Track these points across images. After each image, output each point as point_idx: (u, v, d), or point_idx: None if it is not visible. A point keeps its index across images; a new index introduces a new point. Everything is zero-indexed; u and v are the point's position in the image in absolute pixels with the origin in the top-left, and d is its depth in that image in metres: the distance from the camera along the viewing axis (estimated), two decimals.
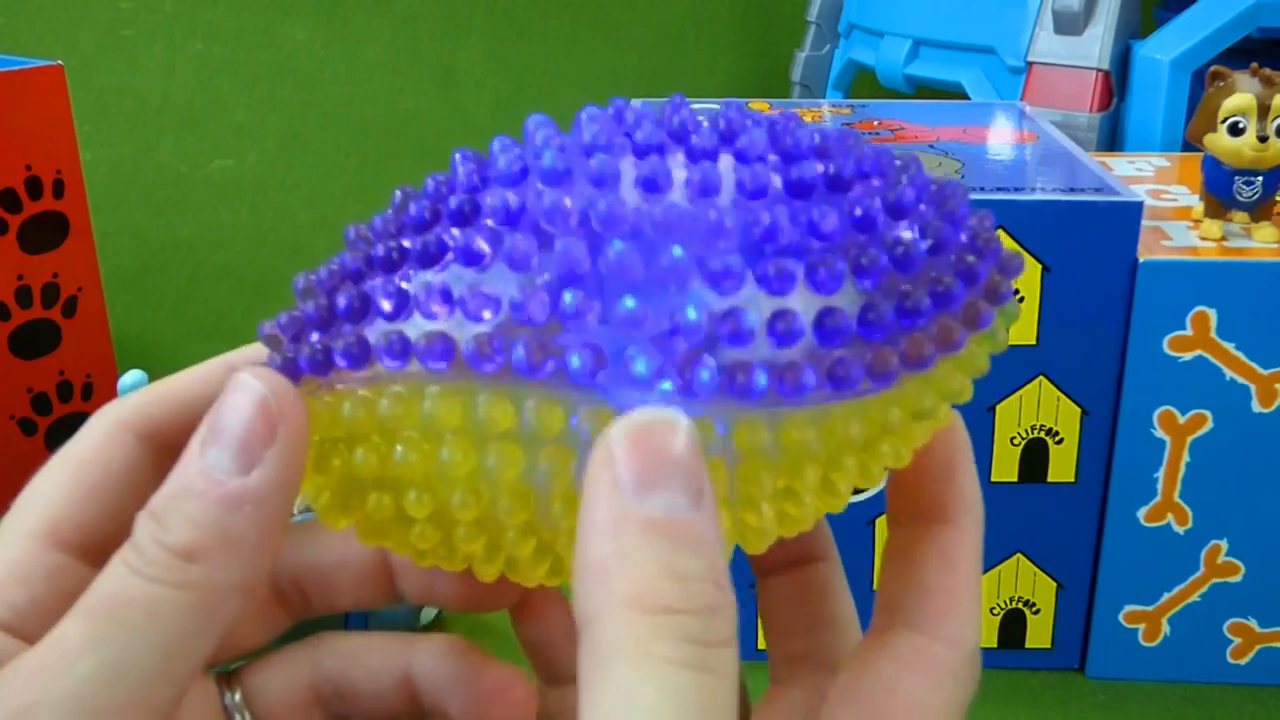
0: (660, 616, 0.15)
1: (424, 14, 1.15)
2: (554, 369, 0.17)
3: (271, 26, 1.11)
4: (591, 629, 0.16)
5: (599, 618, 0.16)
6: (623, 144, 0.19)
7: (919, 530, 0.21)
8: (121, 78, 1.06)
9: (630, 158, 0.19)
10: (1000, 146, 0.53)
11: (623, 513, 0.16)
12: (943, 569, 0.20)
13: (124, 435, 0.20)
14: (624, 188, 0.18)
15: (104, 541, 0.19)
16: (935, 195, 0.20)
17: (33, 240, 0.63)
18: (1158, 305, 0.45)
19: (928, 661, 0.19)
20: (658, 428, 0.17)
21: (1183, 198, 0.53)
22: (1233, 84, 0.46)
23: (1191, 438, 0.46)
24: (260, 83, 1.09)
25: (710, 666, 0.15)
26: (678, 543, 0.16)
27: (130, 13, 1.08)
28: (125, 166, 1.03)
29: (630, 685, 0.15)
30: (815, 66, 0.99)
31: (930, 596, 0.20)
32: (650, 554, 0.16)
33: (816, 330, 0.17)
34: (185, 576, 0.17)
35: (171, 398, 0.21)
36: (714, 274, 0.17)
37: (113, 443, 0.20)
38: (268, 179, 1.05)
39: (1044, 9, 0.77)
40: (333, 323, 0.18)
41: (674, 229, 0.18)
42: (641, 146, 0.19)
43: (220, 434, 0.17)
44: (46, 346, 0.65)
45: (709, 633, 0.16)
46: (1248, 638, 0.50)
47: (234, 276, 0.94)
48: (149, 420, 0.20)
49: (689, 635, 0.15)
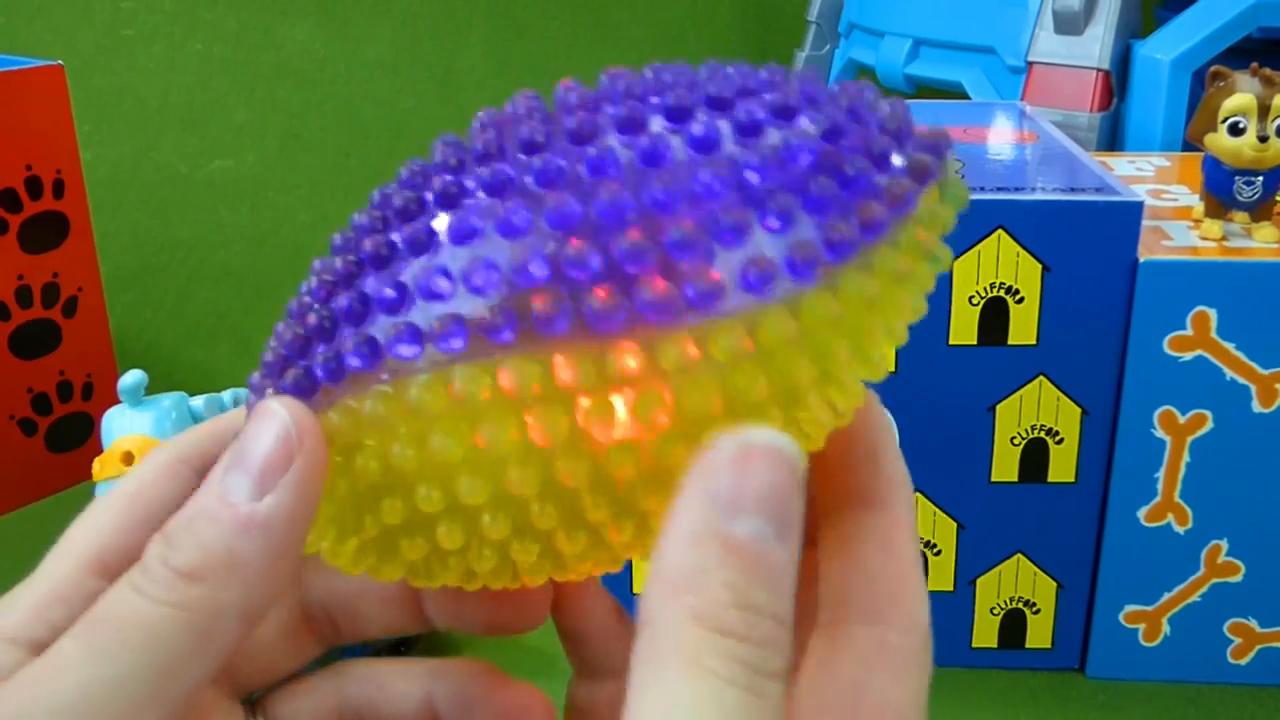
0: (718, 636, 0.16)
1: (424, 14, 1.15)
2: (574, 317, 0.17)
3: (271, 26, 1.11)
4: (652, 631, 0.16)
5: (662, 622, 0.16)
6: (590, 113, 0.19)
7: (852, 519, 0.21)
8: (121, 78, 1.06)
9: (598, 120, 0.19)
10: (1000, 146, 0.53)
11: (709, 527, 0.16)
12: (885, 555, 0.20)
13: (179, 468, 0.21)
14: (601, 146, 0.18)
15: None
16: (834, 96, 0.20)
17: (33, 240, 0.63)
18: (1158, 305, 0.45)
19: (888, 654, 0.19)
20: (768, 452, 0.17)
21: (1183, 198, 0.53)
22: (1233, 84, 0.46)
23: (1192, 438, 0.46)
24: (260, 83, 1.09)
25: (760, 691, 0.16)
26: (754, 572, 0.16)
27: (130, 13, 1.08)
28: (125, 166, 1.03)
29: (680, 691, 0.15)
30: (815, 66, 0.99)
31: (877, 585, 0.20)
32: (725, 575, 0.16)
33: (767, 228, 0.18)
34: (186, 597, 0.17)
35: (226, 433, 0.21)
36: (693, 194, 0.18)
37: (166, 476, 0.21)
38: (268, 179, 1.05)
39: (1044, 9, 0.77)
40: (335, 331, 0.18)
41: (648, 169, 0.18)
42: (617, 115, 0.19)
43: (241, 460, 0.17)
44: (47, 346, 0.65)
45: (763, 662, 0.16)
46: (1248, 638, 0.50)
47: (234, 276, 0.94)
48: (205, 454, 0.21)
49: (744, 659, 0.16)
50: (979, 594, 0.50)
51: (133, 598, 0.17)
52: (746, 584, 0.16)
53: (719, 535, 0.16)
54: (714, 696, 0.15)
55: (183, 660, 0.17)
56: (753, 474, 0.16)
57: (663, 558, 0.16)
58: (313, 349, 0.18)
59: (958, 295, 0.45)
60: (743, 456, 0.17)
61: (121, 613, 0.17)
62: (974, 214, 0.44)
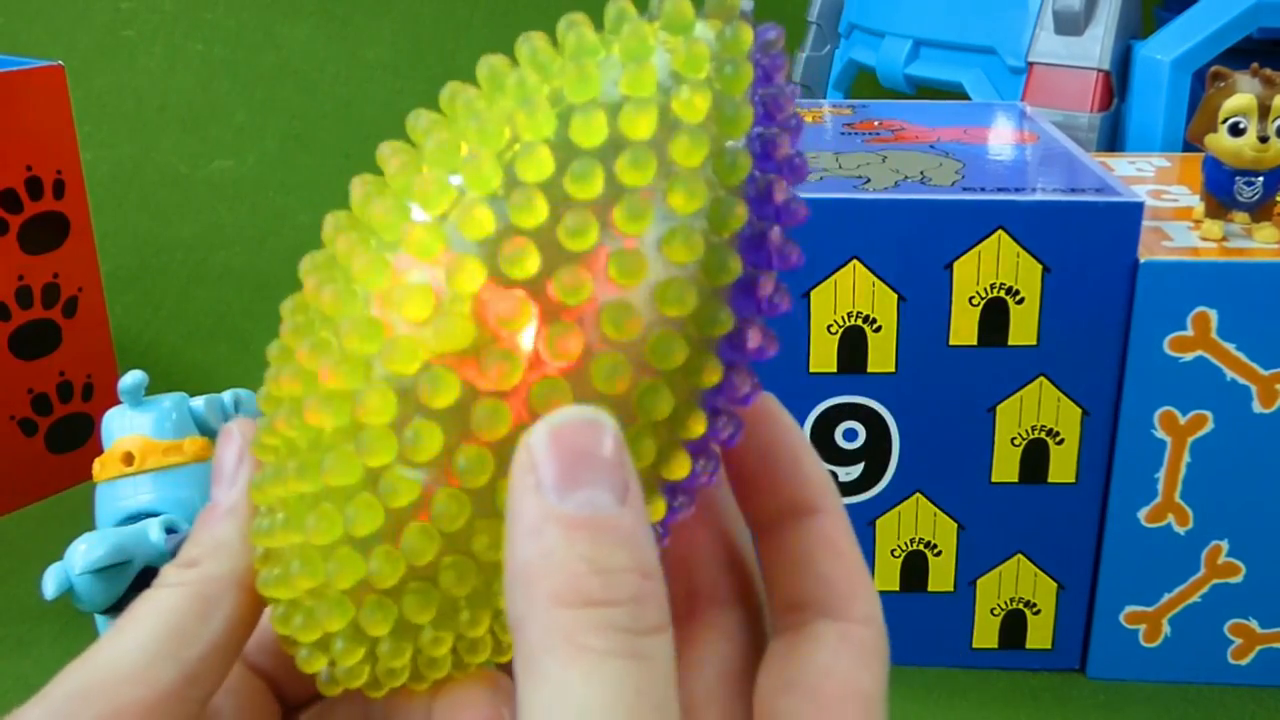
0: (585, 610, 0.16)
1: (424, 14, 1.15)
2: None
3: (271, 27, 1.11)
4: (521, 632, 0.16)
5: (527, 619, 0.16)
6: None
7: (791, 527, 0.21)
8: (121, 78, 1.06)
9: None
10: (1001, 147, 0.53)
11: (545, 513, 0.16)
12: (833, 557, 0.20)
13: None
14: None
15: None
16: None
17: (33, 240, 0.63)
18: (1158, 305, 0.45)
19: (853, 644, 0.20)
20: (580, 426, 0.17)
21: (1183, 198, 0.53)
22: (1233, 84, 0.46)
23: (1192, 438, 0.46)
24: (260, 83, 1.09)
25: (642, 653, 0.16)
26: (600, 538, 0.16)
27: (130, 13, 1.08)
28: (125, 167, 1.03)
29: (561, 679, 0.15)
30: (816, 67, 0.99)
31: (832, 585, 0.20)
32: (573, 551, 0.16)
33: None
34: (185, 577, 0.20)
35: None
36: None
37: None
38: (268, 179, 1.05)
39: (1044, 9, 0.77)
40: None
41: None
42: None
43: (216, 475, 0.21)
44: (47, 347, 0.65)
45: (638, 621, 0.16)
46: (1248, 638, 0.50)
47: (234, 276, 0.94)
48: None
49: (616, 624, 0.16)
50: (979, 594, 0.50)
51: (146, 593, 0.20)
52: (595, 551, 0.16)
53: (555, 517, 0.16)
54: (593, 673, 0.15)
55: (191, 624, 0.19)
56: (571, 451, 0.16)
57: (512, 558, 0.16)
58: None
59: (958, 296, 0.45)
60: (556, 438, 0.16)
61: (137, 603, 0.20)
62: (974, 214, 0.44)
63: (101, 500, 0.52)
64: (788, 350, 0.46)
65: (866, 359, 0.46)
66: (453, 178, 0.18)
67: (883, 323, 0.46)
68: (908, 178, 0.47)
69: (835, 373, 0.46)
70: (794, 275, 0.45)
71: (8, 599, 0.56)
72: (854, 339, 0.46)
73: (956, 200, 0.44)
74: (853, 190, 0.45)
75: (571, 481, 0.16)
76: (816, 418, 0.47)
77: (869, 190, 0.45)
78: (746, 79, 0.18)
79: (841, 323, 0.46)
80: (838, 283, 0.45)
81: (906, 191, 0.45)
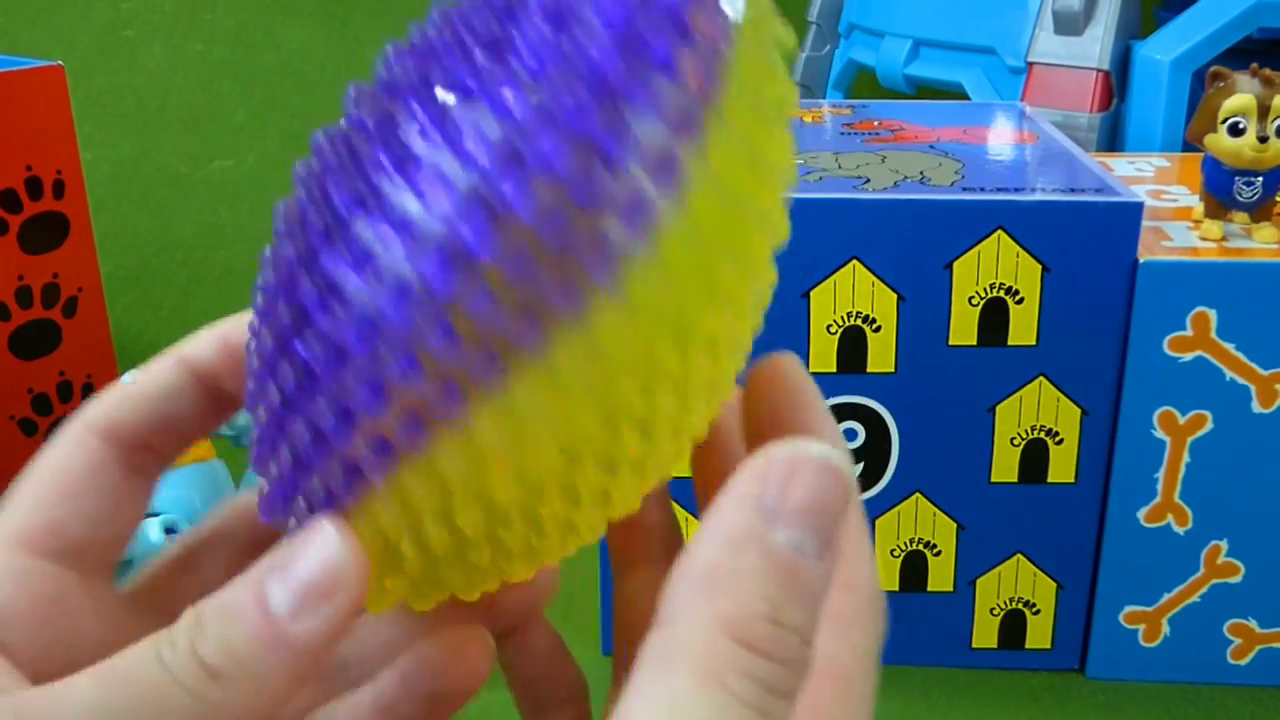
0: (743, 651, 0.15)
1: (424, 14, 1.15)
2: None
3: (271, 27, 1.11)
4: (673, 628, 0.16)
5: (686, 621, 0.16)
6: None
7: None
8: (121, 78, 1.06)
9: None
10: (1000, 147, 0.53)
11: (751, 532, 0.16)
12: None
13: (90, 439, 0.22)
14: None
15: (77, 544, 0.21)
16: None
17: (33, 241, 0.63)
18: (1158, 305, 0.45)
19: (829, 614, 0.18)
20: (820, 465, 0.16)
21: (1183, 198, 0.53)
22: (1233, 84, 0.46)
23: (1191, 438, 0.46)
24: (260, 83, 1.09)
25: (768, 712, 0.15)
26: (791, 586, 0.16)
27: (130, 13, 1.08)
28: (125, 167, 1.03)
29: (686, 697, 0.15)
30: (815, 67, 0.99)
31: None
32: (763, 586, 0.16)
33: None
34: (203, 690, 0.17)
35: (131, 397, 0.22)
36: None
37: (79, 447, 0.22)
38: (268, 179, 1.05)
39: (1044, 9, 0.77)
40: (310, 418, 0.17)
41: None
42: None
43: (287, 571, 0.17)
44: (47, 347, 0.65)
45: (780, 682, 0.16)
46: (1248, 638, 0.50)
47: (234, 276, 0.94)
48: (112, 421, 0.22)
49: (764, 679, 0.15)
50: (979, 594, 0.50)
51: (155, 668, 0.17)
52: (783, 598, 0.16)
53: (760, 541, 0.16)
54: (717, 711, 0.15)
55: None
56: (801, 485, 0.16)
57: (697, 556, 0.16)
58: (300, 476, 0.18)
59: (958, 296, 0.45)
60: (792, 466, 0.16)
61: (142, 676, 0.17)
62: (974, 214, 0.44)
63: None
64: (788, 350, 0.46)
65: (866, 359, 0.46)
66: None
67: (882, 323, 0.46)
68: (907, 178, 0.47)
69: (835, 372, 0.46)
70: (794, 275, 0.45)
71: None
72: (853, 339, 0.46)
73: (956, 200, 0.44)
74: (852, 190, 0.45)
75: (788, 514, 0.16)
76: None
77: (869, 190, 0.45)
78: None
79: (841, 323, 0.46)
80: (837, 283, 0.45)
81: (906, 191, 0.45)
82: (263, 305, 0.19)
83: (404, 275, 0.16)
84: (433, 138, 0.17)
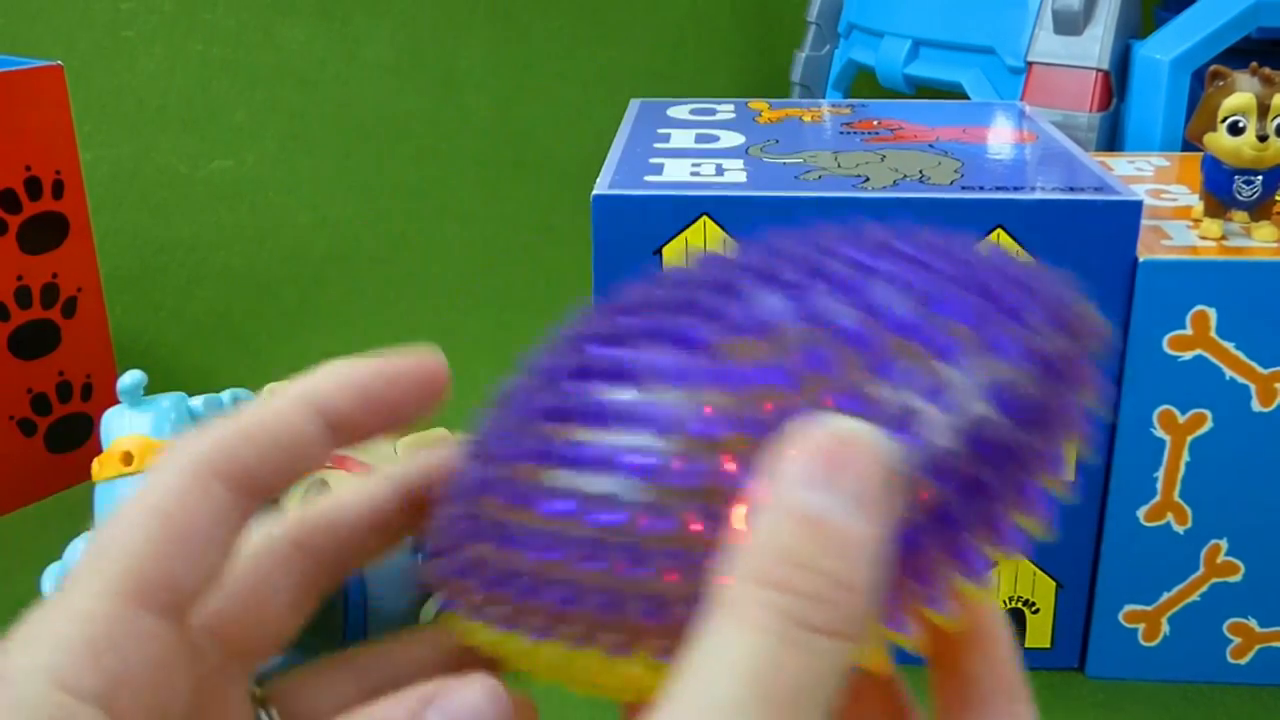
0: (770, 590, 0.16)
1: (424, 14, 1.15)
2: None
3: (271, 27, 1.11)
4: (717, 587, 0.17)
5: (721, 587, 0.17)
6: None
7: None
8: (121, 78, 1.06)
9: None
10: (1000, 146, 0.53)
11: (781, 498, 0.17)
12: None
13: (213, 484, 0.20)
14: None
15: (187, 598, 0.19)
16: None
17: (32, 241, 0.63)
18: (1157, 304, 0.45)
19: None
20: (844, 436, 0.17)
21: (1183, 197, 0.53)
22: (1232, 84, 0.46)
23: (1191, 437, 0.46)
24: (259, 83, 1.09)
25: (796, 642, 0.16)
26: (825, 543, 0.16)
27: (130, 13, 1.08)
28: (125, 167, 1.03)
29: (723, 636, 0.16)
30: (815, 67, 1.00)
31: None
32: (792, 543, 0.16)
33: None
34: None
35: (258, 439, 0.20)
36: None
37: (201, 493, 0.19)
38: (268, 179, 1.05)
39: (1044, 9, 0.77)
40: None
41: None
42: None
43: (445, 712, 0.19)
44: (46, 347, 0.65)
45: (806, 614, 0.16)
46: (1247, 637, 0.50)
47: (234, 276, 0.94)
48: (238, 466, 0.20)
49: (783, 608, 0.16)
50: None
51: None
52: (804, 547, 0.16)
53: (785, 504, 0.17)
54: (750, 645, 0.16)
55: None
56: (834, 454, 0.17)
57: (738, 521, 0.17)
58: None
59: None
60: (825, 441, 0.17)
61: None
62: (974, 213, 0.44)
63: (101, 500, 0.52)
64: None
65: None
66: None
67: None
68: (907, 177, 0.47)
69: None
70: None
71: (8, 599, 0.56)
72: None
73: (955, 199, 0.44)
74: (852, 189, 0.45)
75: (821, 480, 0.17)
76: None
77: (868, 189, 0.45)
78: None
79: None
80: None
81: (906, 190, 0.45)
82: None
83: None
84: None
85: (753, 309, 0.18)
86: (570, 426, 0.19)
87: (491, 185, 1.08)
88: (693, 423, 0.18)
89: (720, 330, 0.18)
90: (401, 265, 0.96)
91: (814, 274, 0.19)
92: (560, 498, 0.18)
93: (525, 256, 0.98)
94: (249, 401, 0.56)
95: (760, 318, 0.18)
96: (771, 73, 1.18)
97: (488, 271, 0.96)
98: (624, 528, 0.18)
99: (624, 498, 0.18)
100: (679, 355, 0.18)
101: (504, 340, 0.81)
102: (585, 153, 1.06)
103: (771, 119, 0.58)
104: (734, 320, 0.18)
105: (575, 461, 0.18)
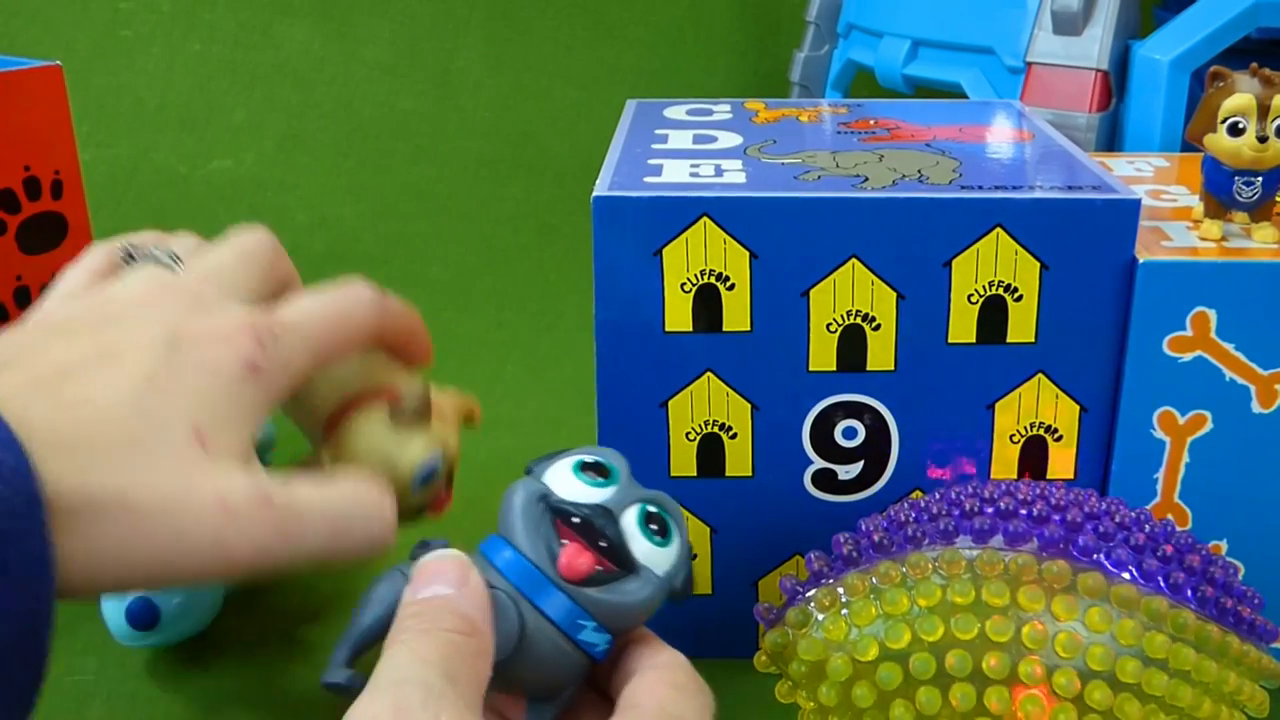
0: (409, 621, 0.32)
1: (422, 14, 1.15)
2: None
3: (270, 27, 1.11)
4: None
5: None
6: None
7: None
8: (120, 78, 1.06)
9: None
10: (997, 145, 0.53)
11: (406, 602, 0.33)
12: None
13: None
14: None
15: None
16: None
17: (31, 241, 0.63)
18: (1157, 305, 0.45)
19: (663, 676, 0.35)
20: (439, 561, 0.33)
21: (1182, 198, 0.53)
22: (1232, 84, 0.46)
23: (1191, 438, 0.46)
24: (258, 83, 1.09)
25: (429, 632, 0.31)
26: (433, 606, 0.32)
27: (129, 13, 1.08)
28: (124, 167, 1.03)
29: (390, 653, 0.30)
30: (814, 67, 1.00)
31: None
32: (415, 616, 0.32)
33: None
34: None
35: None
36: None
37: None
38: (267, 179, 1.05)
39: (1043, 9, 0.77)
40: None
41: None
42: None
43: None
44: None
45: (435, 621, 0.31)
46: None
47: None
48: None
49: (420, 621, 0.31)
50: None
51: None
52: (427, 610, 0.32)
53: (409, 603, 0.32)
54: (404, 646, 0.31)
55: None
56: (427, 571, 0.33)
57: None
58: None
59: (957, 293, 0.45)
60: (422, 567, 0.33)
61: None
62: (973, 212, 0.44)
63: None
64: (788, 349, 0.46)
65: (866, 357, 0.46)
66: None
67: (882, 321, 0.46)
68: (905, 176, 0.47)
69: (835, 371, 0.46)
70: (793, 275, 0.45)
71: None
72: (853, 337, 0.46)
73: (954, 199, 0.44)
74: (850, 189, 0.45)
75: (423, 584, 0.32)
76: (816, 416, 0.47)
77: (867, 189, 0.45)
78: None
79: (840, 321, 0.46)
80: (836, 282, 0.45)
81: (904, 190, 0.45)
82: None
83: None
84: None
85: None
86: None
87: (490, 185, 1.08)
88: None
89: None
90: (400, 265, 0.96)
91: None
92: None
93: (524, 256, 0.98)
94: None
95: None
96: (770, 73, 1.19)
97: (486, 271, 0.96)
98: None
99: None
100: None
101: (503, 340, 0.81)
102: (584, 152, 1.06)
103: (768, 119, 0.58)
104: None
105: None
